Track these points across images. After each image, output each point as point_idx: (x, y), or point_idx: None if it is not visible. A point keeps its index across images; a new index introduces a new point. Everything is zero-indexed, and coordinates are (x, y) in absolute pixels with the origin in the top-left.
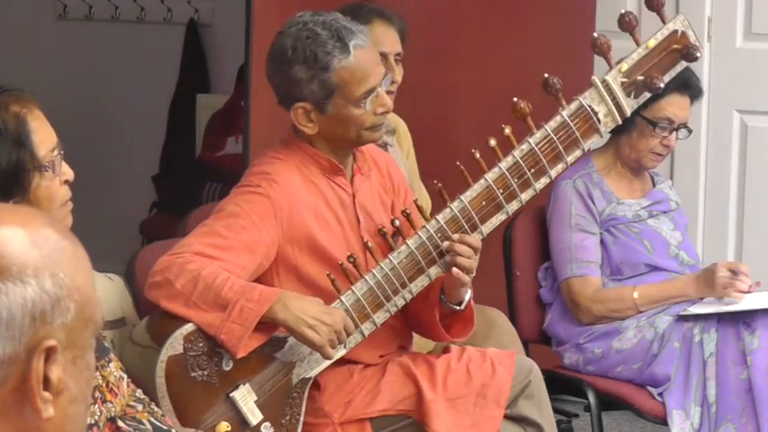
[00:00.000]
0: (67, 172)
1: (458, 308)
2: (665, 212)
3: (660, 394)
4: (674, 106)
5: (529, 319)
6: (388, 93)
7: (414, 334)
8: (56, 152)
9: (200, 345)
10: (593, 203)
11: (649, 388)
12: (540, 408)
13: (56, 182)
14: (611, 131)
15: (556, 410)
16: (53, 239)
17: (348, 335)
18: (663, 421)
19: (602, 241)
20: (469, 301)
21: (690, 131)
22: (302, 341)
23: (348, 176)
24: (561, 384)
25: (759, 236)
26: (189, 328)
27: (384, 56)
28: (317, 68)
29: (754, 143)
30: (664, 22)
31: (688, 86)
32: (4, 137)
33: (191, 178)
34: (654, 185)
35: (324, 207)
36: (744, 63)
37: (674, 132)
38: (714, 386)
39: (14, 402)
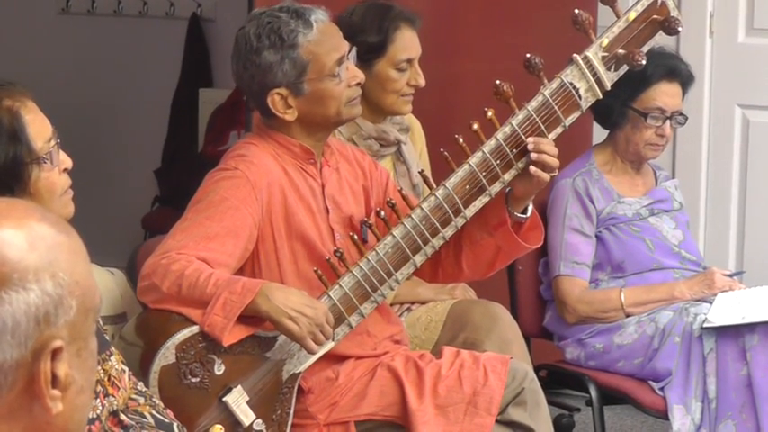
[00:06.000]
0: (66, 160)
1: (523, 216)
2: (666, 211)
3: (661, 389)
4: (663, 95)
5: (531, 314)
6: (408, 95)
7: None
8: (52, 142)
9: (193, 353)
10: (592, 203)
11: (651, 382)
12: (533, 412)
13: (55, 172)
14: (608, 128)
15: (558, 405)
16: (49, 236)
17: (331, 327)
18: (664, 416)
19: (602, 239)
20: (532, 209)
21: (685, 119)
22: (283, 332)
23: (317, 167)
24: (563, 379)
25: (761, 231)
26: (181, 336)
27: (410, 61)
28: (285, 48)
29: (755, 138)
30: None
31: (676, 73)
32: (0, 133)
33: (193, 173)
34: (657, 183)
35: (296, 194)
36: (745, 58)
37: (668, 121)
38: (714, 382)
39: (23, 403)
